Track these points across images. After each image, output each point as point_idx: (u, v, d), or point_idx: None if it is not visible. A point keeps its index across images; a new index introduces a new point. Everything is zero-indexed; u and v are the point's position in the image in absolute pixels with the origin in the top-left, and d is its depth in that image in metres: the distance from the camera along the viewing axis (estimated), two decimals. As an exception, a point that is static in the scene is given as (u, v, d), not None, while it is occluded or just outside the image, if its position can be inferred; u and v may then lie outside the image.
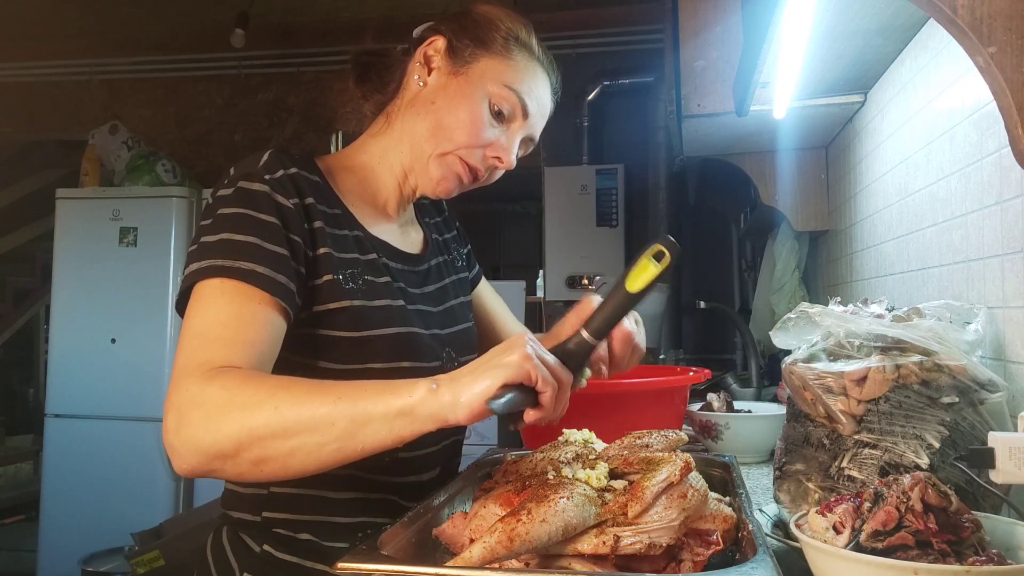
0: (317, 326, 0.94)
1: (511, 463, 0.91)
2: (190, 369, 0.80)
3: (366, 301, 0.96)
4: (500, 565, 0.68)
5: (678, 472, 0.75)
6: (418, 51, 1.05)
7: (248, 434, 0.76)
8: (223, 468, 0.79)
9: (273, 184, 0.91)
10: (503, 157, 1.04)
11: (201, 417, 0.77)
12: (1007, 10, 0.75)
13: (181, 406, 0.78)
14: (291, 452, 0.77)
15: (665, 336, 3.28)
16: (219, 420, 0.77)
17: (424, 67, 1.04)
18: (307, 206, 0.94)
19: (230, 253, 0.85)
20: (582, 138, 3.80)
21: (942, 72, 1.29)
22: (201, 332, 0.83)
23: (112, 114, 4.18)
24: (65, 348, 3.52)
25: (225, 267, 0.85)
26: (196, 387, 0.79)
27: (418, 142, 1.03)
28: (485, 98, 1.01)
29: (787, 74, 1.55)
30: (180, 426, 0.78)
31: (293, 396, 0.77)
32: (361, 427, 0.76)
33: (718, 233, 3.91)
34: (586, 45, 3.84)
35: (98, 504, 3.35)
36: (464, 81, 1.02)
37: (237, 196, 0.90)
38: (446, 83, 1.02)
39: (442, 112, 1.01)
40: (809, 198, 2.32)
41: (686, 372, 1.55)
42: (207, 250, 0.86)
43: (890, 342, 0.92)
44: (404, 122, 1.05)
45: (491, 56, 1.03)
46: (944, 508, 0.70)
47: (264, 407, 0.76)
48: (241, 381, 0.79)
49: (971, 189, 1.17)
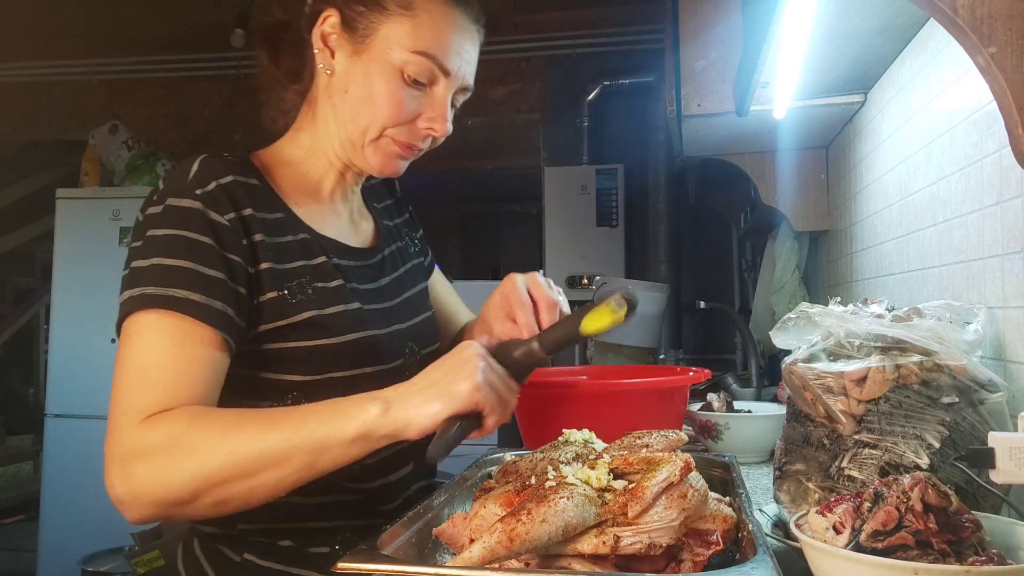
0: (270, 341, 0.89)
1: (511, 463, 0.91)
2: (130, 416, 0.76)
3: (318, 311, 0.91)
4: (500, 565, 0.68)
5: (678, 472, 0.75)
6: (314, 32, 0.95)
7: (204, 481, 0.74)
8: (181, 513, 0.78)
9: (205, 199, 0.85)
10: (436, 127, 0.97)
11: (149, 469, 0.75)
12: (1007, 10, 0.75)
13: (125, 457, 0.75)
14: (251, 490, 0.76)
15: (665, 336, 3.28)
16: (170, 470, 0.74)
17: (325, 51, 0.95)
18: (244, 219, 0.88)
19: (163, 280, 0.80)
20: (582, 138, 3.81)
21: (942, 72, 1.29)
22: (138, 374, 0.79)
23: (112, 114, 4.18)
24: (65, 348, 3.52)
25: (158, 296, 0.80)
26: (139, 436, 0.75)
27: (346, 132, 0.96)
28: (396, 71, 0.93)
29: (787, 74, 1.55)
30: (128, 479, 0.75)
31: (246, 435, 0.75)
32: (319, 456, 0.76)
33: (718, 233, 3.91)
34: (586, 45, 3.84)
35: (98, 504, 3.32)
36: (369, 59, 0.93)
37: (167, 215, 0.84)
38: (351, 66, 0.94)
39: (357, 99, 0.94)
40: (809, 198, 2.32)
41: (686, 372, 1.54)
42: (139, 276, 0.81)
43: (890, 342, 0.92)
44: (325, 113, 0.98)
45: (389, 19, 0.93)
46: (944, 508, 0.70)
47: (217, 451, 0.74)
48: (187, 424, 0.76)
49: (971, 189, 1.17)
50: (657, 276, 3.53)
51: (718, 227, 3.90)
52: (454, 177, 6.51)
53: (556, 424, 1.00)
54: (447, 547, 0.82)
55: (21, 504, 4.94)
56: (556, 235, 3.73)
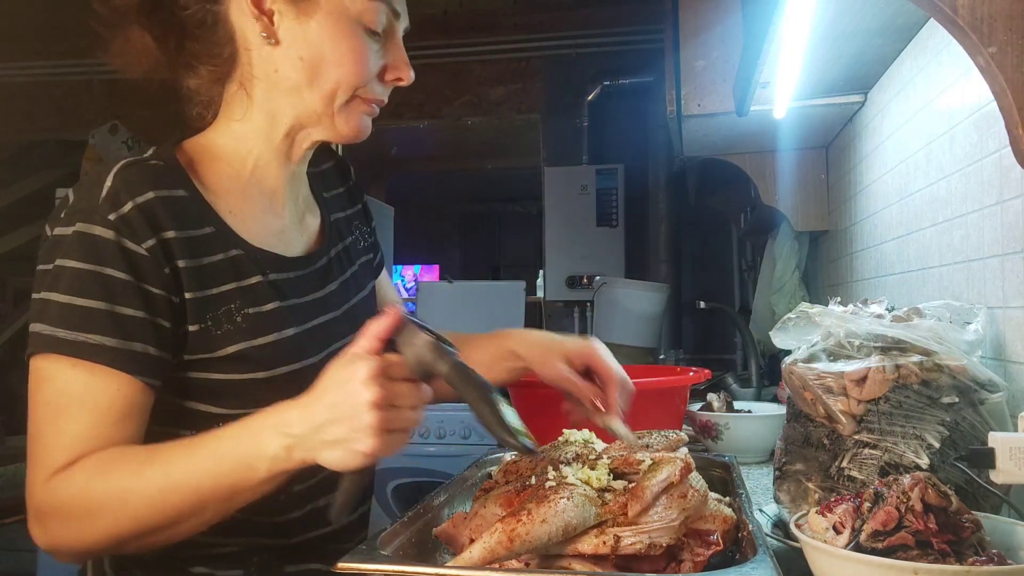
0: (195, 370, 0.82)
1: (511, 463, 0.91)
2: (39, 472, 0.74)
3: (247, 342, 0.83)
4: (500, 565, 0.69)
5: (678, 472, 0.75)
6: (248, 6, 0.84)
7: (118, 538, 0.73)
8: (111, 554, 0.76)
9: (120, 227, 0.76)
10: (403, 75, 0.90)
11: (63, 529, 0.73)
12: (1007, 10, 0.75)
13: (39, 514, 0.74)
14: (173, 535, 0.75)
15: (665, 336, 3.28)
16: (82, 529, 0.73)
17: (261, 19, 0.83)
18: (166, 243, 0.79)
19: (74, 324, 0.74)
20: (582, 138, 3.80)
21: (942, 72, 1.29)
22: (49, 424, 0.75)
23: (112, 114, 4.18)
24: (65, 348, 3.52)
25: (69, 342, 0.74)
26: (49, 495, 0.74)
27: (305, 106, 0.87)
28: (356, 23, 0.85)
29: (787, 74, 1.55)
30: (46, 535, 0.74)
31: (148, 498, 0.72)
32: (232, 499, 0.74)
33: (718, 233, 3.91)
34: (586, 45, 3.84)
35: (98, 504, 3.35)
36: (322, 17, 0.84)
37: (78, 244, 0.75)
38: (302, 30, 0.84)
39: (317, 63, 0.84)
40: (809, 198, 2.32)
41: (686, 372, 1.55)
42: (50, 313, 0.75)
43: (890, 342, 0.92)
44: (269, 92, 0.87)
45: None
46: (944, 508, 0.70)
47: (126, 511, 0.72)
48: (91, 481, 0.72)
49: (971, 189, 1.17)
50: (657, 276, 3.53)
51: (718, 227, 3.89)
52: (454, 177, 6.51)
53: (556, 424, 1.00)
54: (447, 547, 0.82)
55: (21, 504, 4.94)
56: (556, 235, 3.73)
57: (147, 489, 0.72)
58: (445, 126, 4.20)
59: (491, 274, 7.41)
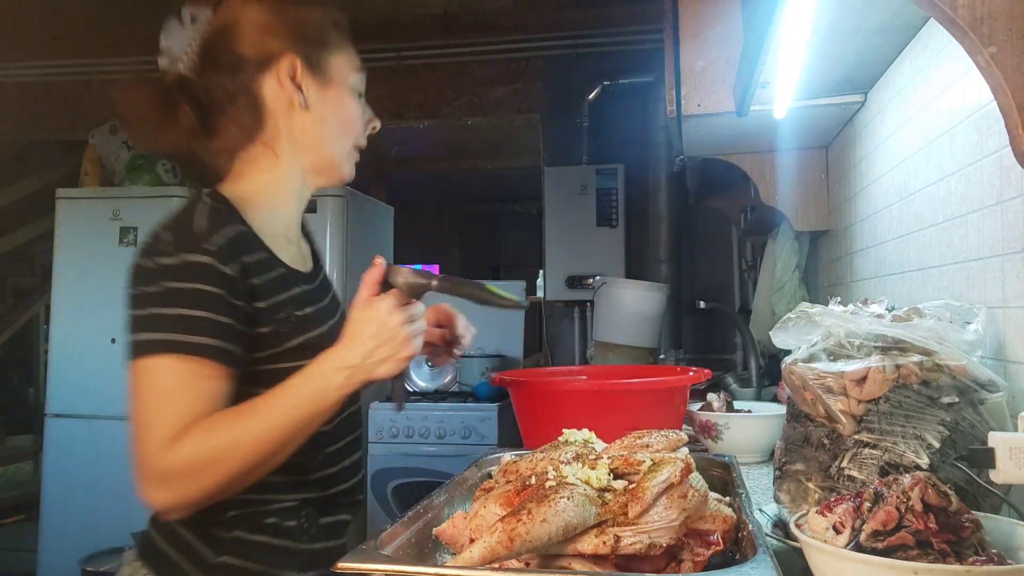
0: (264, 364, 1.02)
1: (511, 463, 0.91)
2: (161, 441, 0.89)
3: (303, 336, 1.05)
4: (500, 565, 0.69)
5: (678, 472, 0.75)
6: (268, 78, 1.05)
7: (233, 479, 0.92)
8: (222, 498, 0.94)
9: (217, 255, 0.96)
10: (376, 123, 1.18)
11: (186, 481, 0.90)
12: (1007, 10, 0.76)
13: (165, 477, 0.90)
14: (268, 467, 0.95)
15: (665, 336, 3.28)
16: (204, 478, 0.90)
17: (297, 91, 1.06)
18: (245, 266, 0.99)
19: (185, 329, 0.93)
20: (582, 138, 3.80)
21: (942, 72, 1.29)
22: (164, 405, 0.92)
23: (112, 114, 4.17)
24: (65, 348, 3.52)
25: (182, 342, 0.92)
26: (173, 457, 0.89)
27: (324, 157, 1.11)
28: (353, 90, 1.12)
29: (787, 74, 1.55)
30: (170, 493, 0.91)
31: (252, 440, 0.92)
32: (309, 426, 0.95)
33: (718, 233, 3.91)
34: (586, 45, 3.84)
35: (98, 504, 3.34)
36: (335, 87, 1.09)
37: (186, 270, 0.94)
38: (323, 97, 1.09)
39: (333, 124, 1.10)
40: (809, 198, 2.32)
41: (686, 372, 1.55)
42: (162, 324, 0.93)
43: (890, 342, 0.92)
44: (300, 142, 1.09)
45: (335, 52, 1.10)
46: (944, 508, 0.70)
47: (238, 452, 0.91)
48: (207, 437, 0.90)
49: (971, 189, 1.17)
50: (657, 276, 3.53)
51: (718, 227, 3.89)
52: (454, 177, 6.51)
53: (556, 424, 1.00)
54: (447, 547, 0.82)
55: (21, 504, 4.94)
56: (556, 235, 3.72)
57: (250, 434, 0.92)
58: (445, 126, 4.19)
59: (491, 274, 7.40)
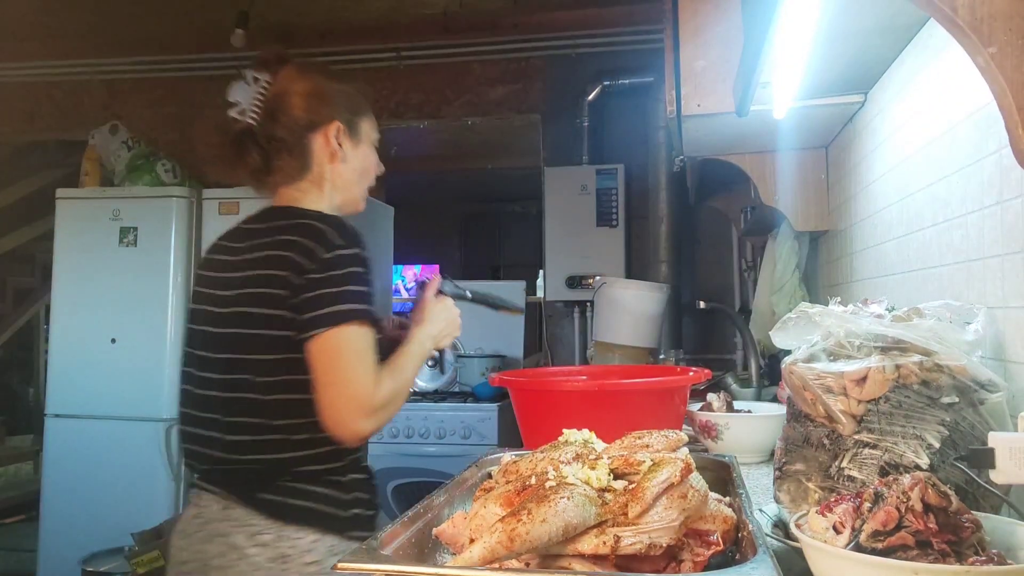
0: None
1: (511, 463, 0.91)
2: (370, 383, 1.26)
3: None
4: (500, 565, 0.69)
5: (678, 473, 0.75)
6: (318, 137, 1.40)
7: (398, 408, 1.33)
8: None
9: (365, 247, 1.33)
10: (382, 168, 1.54)
11: (386, 410, 1.28)
12: (1007, 10, 0.76)
13: (374, 409, 1.25)
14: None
15: (665, 336, 3.28)
16: (395, 407, 1.31)
17: (339, 147, 1.42)
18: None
19: (365, 301, 1.29)
20: (582, 138, 3.80)
21: (942, 72, 1.29)
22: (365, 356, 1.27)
23: (112, 114, 4.18)
24: (65, 348, 3.52)
25: (366, 311, 1.28)
26: (379, 394, 1.26)
27: (351, 194, 1.48)
28: (373, 146, 1.50)
29: (787, 74, 1.55)
30: (376, 421, 1.27)
31: (408, 380, 1.36)
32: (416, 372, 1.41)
33: (718, 233, 3.91)
34: (586, 45, 3.84)
35: (98, 504, 3.35)
36: (363, 145, 1.47)
37: (362, 259, 1.31)
38: (355, 152, 1.45)
39: (360, 171, 1.47)
40: (809, 198, 2.32)
41: (686, 372, 1.55)
42: (356, 297, 1.27)
43: (890, 342, 0.92)
44: (337, 185, 1.44)
45: (365, 118, 1.48)
46: (944, 508, 0.70)
47: (404, 392, 1.34)
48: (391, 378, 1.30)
49: (971, 189, 1.17)
50: (657, 276, 3.53)
51: (718, 227, 3.89)
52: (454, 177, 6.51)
53: (556, 424, 1.00)
54: (447, 547, 0.82)
55: (21, 504, 4.94)
56: (556, 235, 3.72)
57: (408, 376, 1.35)
58: (445, 126, 4.19)
59: (491, 274, 7.41)
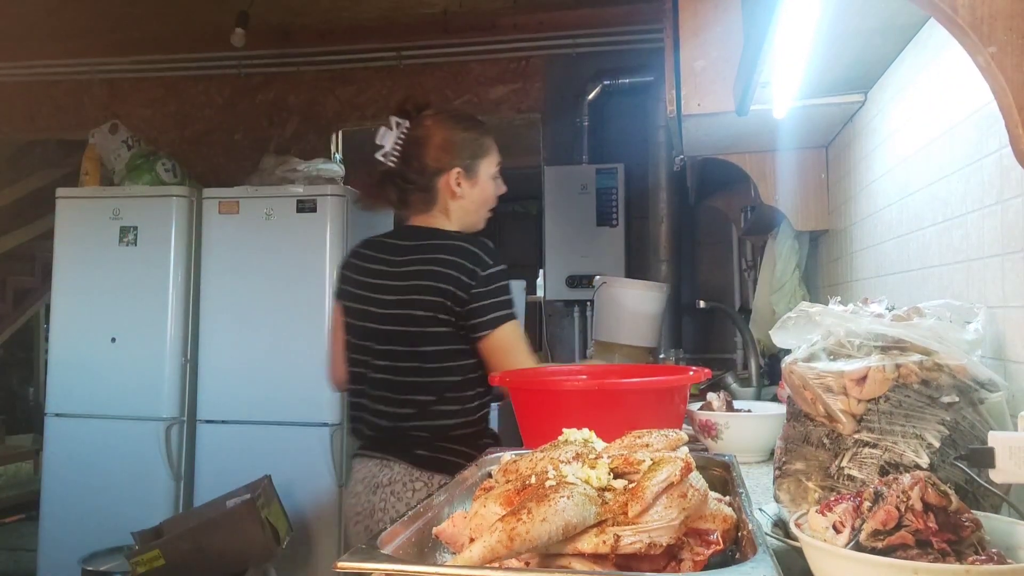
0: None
1: (511, 463, 0.91)
2: (532, 360, 1.64)
3: None
4: (500, 565, 0.68)
5: (678, 472, 0.75)
6: (443, 180, 1.73)
7: None
8: None
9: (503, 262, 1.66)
10: (503, 188, 1.83)
11: None
12: (1007, 10, 0.76)
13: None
14: None
15: (665, 336, 3.28)
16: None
17: (459, 187, 1.73)
18: None
19: (513, 304, 1.64)
20: (582, 138, 3.80)
21: (942, 72, 1.29)
22: (526, 346, 1.65)
23: (112, 114, 4.18)
24: (65, 348, 3.52)
25: (514, 311, 1.64)
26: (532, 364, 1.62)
27: (472, 220, 1.79)
28: (491, 181, 1.79)
29: (787, 74, 1.55)
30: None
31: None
32: None
33: (718, 233, 3.91)
34: (586, 45, 3.84)
35: (98, 504, 3.35)
36: (480, 182, 1.77)
37: (506, 273, 1.65)
38: (472, 190, 1.76)
39: (478, 203, 1.78)
40: (809, 198, 2.32)
41: (686, 372, 1.54)
42: (508, 302, 1.64)
43: (890, 341, 0.92)
44: (458, 215, 1.76)
45: (485, 158, 1.77)
46: (944, 508, 0.70)
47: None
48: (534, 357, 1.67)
49: (971, 189, 1.17)
50: (657, 276, 3.53)
51: (718, 227, 3.89)
52: (454, 177, 6.52)
53: (556, 424, 1.00)
54: (447, 546, 0.82)
55: (21, 504, 4.94)
56: (556, 235, 3.72)
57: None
58: (445, 126, 4.19)
59: (491, 274, 7.41)
